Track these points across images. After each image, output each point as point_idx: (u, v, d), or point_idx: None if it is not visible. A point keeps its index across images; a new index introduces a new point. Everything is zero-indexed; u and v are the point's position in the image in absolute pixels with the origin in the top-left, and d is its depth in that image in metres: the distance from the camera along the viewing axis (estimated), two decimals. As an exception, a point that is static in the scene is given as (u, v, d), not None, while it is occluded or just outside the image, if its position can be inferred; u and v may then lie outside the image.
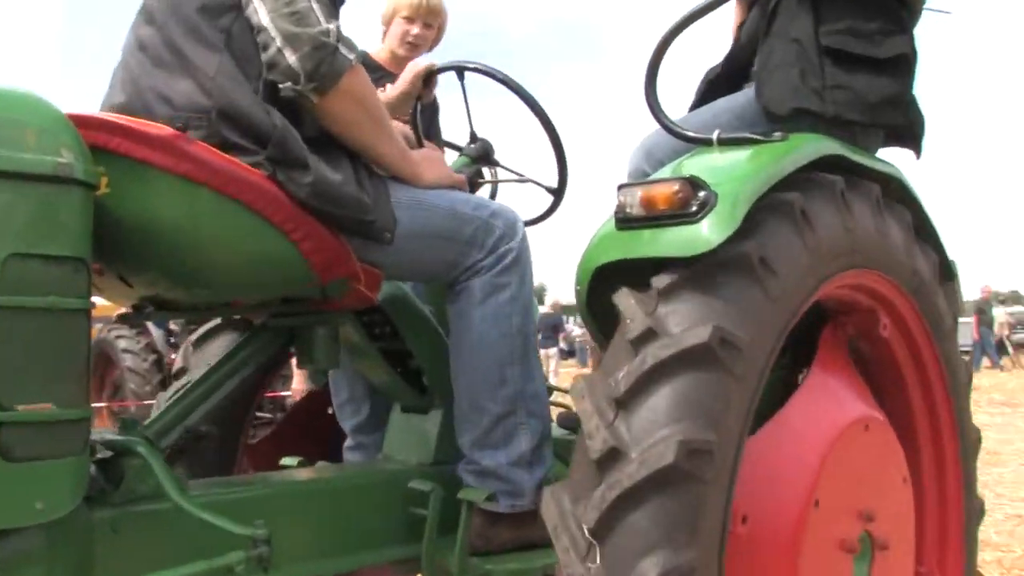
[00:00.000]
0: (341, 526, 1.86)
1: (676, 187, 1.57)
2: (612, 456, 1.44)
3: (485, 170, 2.42)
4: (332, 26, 1.64)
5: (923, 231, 2.07)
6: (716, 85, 2.26)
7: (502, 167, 2.43)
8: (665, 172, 1.76)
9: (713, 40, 2.46)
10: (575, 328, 25.46)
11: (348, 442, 2.31)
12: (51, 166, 1.38)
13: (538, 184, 2.43)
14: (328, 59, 1.62)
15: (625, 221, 1.63)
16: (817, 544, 1.71)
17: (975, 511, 2.18)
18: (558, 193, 2.41)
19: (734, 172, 1.65)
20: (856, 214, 1.82)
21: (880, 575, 1.85)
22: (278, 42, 1.60)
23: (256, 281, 1.70)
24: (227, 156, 1.56)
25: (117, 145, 1.52)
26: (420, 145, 2.36)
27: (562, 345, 19.87)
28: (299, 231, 1.63)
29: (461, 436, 1.96)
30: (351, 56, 1.67)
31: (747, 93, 2.10)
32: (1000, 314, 21.80)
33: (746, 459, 1.56)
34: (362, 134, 1.76)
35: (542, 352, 19.00)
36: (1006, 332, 21.50)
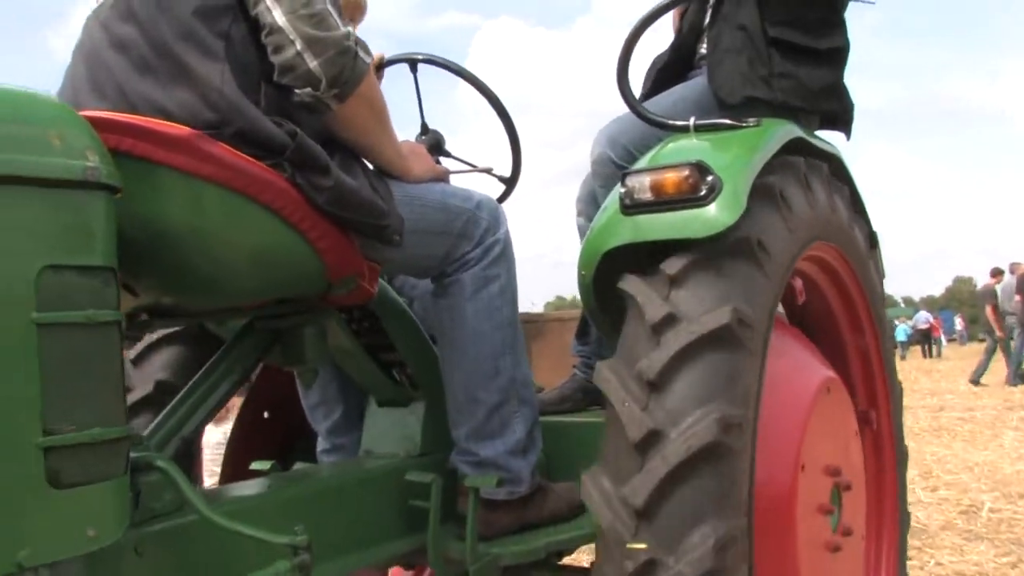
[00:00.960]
0: (351, 524, 1.84)
1: (686, 172, 1.66)
2: (653, 436, 1.52)
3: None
4: (350, 29, 1.60)
5: (856, 205, 2.27)
6: (665, 73, 2.37)
7: (455, 158, 2.45)
8: (649, 160, 1.84)
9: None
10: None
11: (323, 444, 2.26)
12: (80, 171, 1.28)
13: (491, 173, 2.47)
14: (350, 64, 1.59)
15: (634, 206, 1.70)
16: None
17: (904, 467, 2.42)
18: (511, 182, 2.45)
19: (727, 157, 1.75)
20: (815, 192, 1.98)
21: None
22: (298, 45, 1.54)
23: (272, 283, 1.65)
24: (248, 158, 1.50)
25: (131, 147, 1.43)
26: None
27: None
28: (316, 231, 1.59)
29: (457, 428, 1.97)
30: (368, 60, 1.64)
31: (700, 81, 2.22)
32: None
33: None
34: (370, 136, 1.74)
35: None
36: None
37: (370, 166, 1.81)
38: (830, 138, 2.28)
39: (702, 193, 1.64)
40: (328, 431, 2.25)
